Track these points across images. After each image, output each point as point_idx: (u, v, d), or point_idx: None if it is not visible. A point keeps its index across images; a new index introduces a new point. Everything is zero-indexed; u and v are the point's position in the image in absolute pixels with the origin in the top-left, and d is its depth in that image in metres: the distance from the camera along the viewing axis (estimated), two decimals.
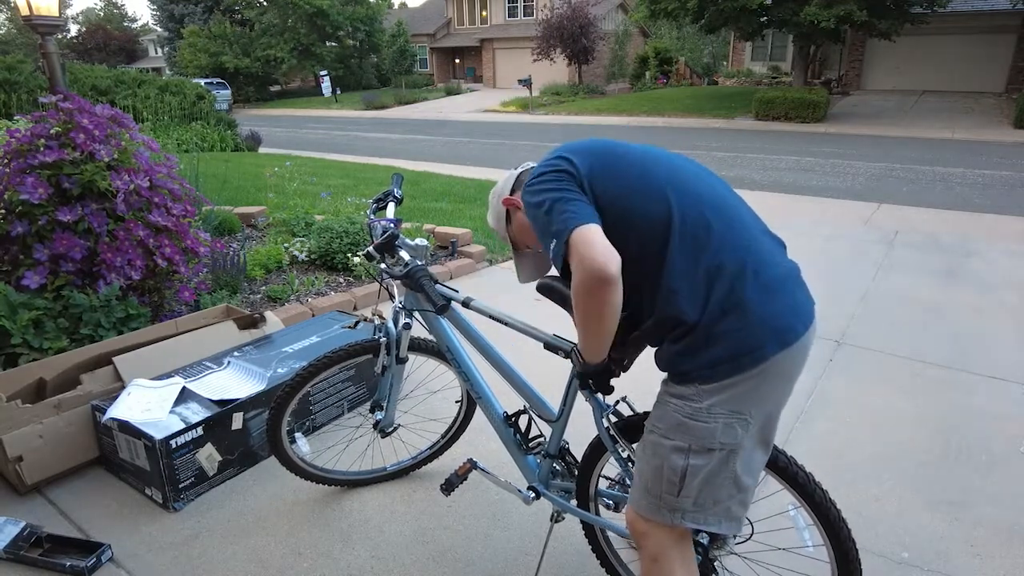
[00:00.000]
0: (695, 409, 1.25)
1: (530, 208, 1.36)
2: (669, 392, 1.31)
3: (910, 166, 10.22)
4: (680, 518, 1.30)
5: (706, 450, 1.26)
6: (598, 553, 1.81)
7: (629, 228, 1.27)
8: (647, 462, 1.34)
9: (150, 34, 48.26)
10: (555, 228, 1.26)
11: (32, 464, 2.22)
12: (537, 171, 1.37)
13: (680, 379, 1.28)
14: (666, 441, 1.29)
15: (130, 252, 2.81)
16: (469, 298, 1.76)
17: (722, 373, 1.23)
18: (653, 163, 1.35)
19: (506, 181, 1.57)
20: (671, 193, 1.28)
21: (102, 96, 11.94)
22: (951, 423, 2.73)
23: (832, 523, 1.40)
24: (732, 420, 1.24)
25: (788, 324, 1.25)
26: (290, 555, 2.01)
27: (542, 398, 1.80)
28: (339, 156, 12.00)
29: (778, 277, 1.27)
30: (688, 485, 1.27)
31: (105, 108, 3.01)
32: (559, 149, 1.41)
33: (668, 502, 1.30)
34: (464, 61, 36.13)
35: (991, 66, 19.55)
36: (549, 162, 1.37)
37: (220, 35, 33.02)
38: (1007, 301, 4.16)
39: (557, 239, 1.26)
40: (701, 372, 1.24)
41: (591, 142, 1.41)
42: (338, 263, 4.38)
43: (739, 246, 1.26)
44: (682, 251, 1.24)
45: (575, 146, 1.40)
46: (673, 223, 1.25)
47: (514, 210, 1.54)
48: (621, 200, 1.29)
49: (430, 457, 2.40)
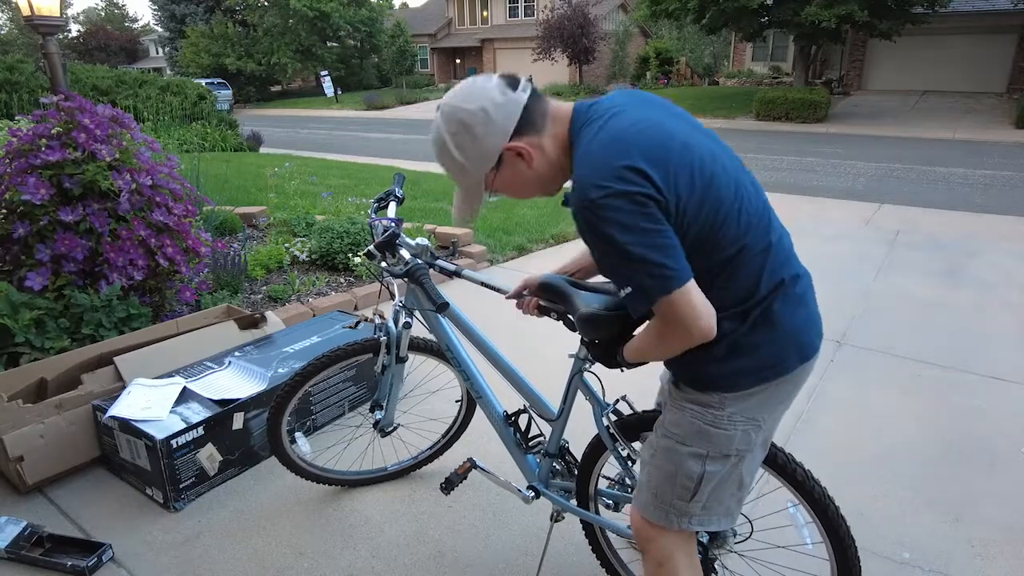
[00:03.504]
0: (716, 417, 1.23)
1: (596, 237, 1.10)
2: (688, 399, 1.26)
3: (911, 166, 10.21)
4: (687, 522, 1.29)
5: (723, 456, 1.25)
6: (598, 552, 1.81)
7: (702, 249, 1.14)
8: (659, 468, 1.31)
9: (151, 34, 48.28)
10: (645, 284, 1.09)
11: (33, 464, 2.22)
12: (607, 187, 1.06)
13: (701, 386, 1.24)
14: (683, 447, 1.26)
15: (132, 252, 2.81)
16: (460, 268, 1.77)
17: (745, 384, 1.21)
18: (732, 181, 1.17)
19: (496, 106, 1.17)
20: (743, 217, 1.16)
21: (103, 96, 11.95)
22: (952, 424, 2.73)
23: (831, 520, 1.40)
24: (748, 427, 1.24)
25: (809, 339, 1.24)
26: (291, 555, 2.01)
27: (542, 397, 1.80)
28: (340, 156, 12.00)
29: (802, 289, 1.25)
30: (702, 491, 1.26)
31: (106, 108, 3.01)
32: (622, 144, 1.09)
33: (679, 507, 1.29)
34: (465, 61, 36.13)
35: (992, 66, 19.53)
36: (624, 178, 1.05)
37: (222, 36, 33.06)
38: (1008, 301, 4.16)
39: (643, 295, 1.10)
40: (724, 381, 1.21)
41: (664, 143, 1.11)
42: (339, 263, 4.39)
43: (782, 262, 1.21)
44: (744, 271, 1.17)
45: (647, 147, 1.09)
46: (746, 246, 1.16)
47: (515, 158, 1.21)
48: (708, 227, 1.12)
49: (430, 457, 2.40)
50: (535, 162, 1.22)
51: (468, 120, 1.18)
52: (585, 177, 1.10)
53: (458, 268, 1.76)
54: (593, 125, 1.16)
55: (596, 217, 1.07)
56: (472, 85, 1.20)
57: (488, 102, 1.17)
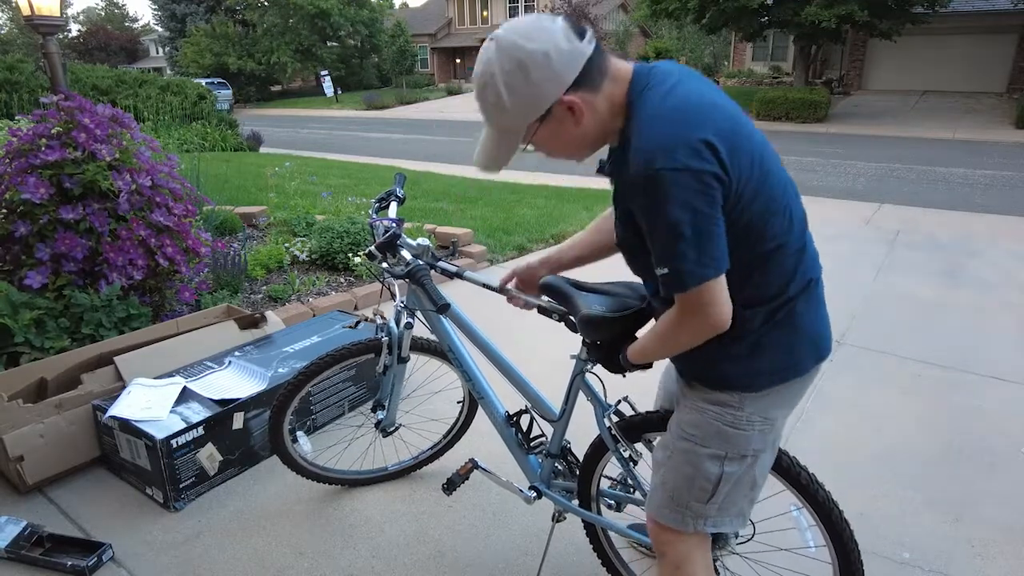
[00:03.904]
0: (736, 417, 1.22)
1: (651, 209, 1.04)
2: (705, 399, 1.24)
3: (911, 166, 10.21)
4: (703, 524, 1.29)
5: (740, 457, 1.24)
6: (600, 552, 1.81)
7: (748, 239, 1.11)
8: (676, 470, 1.28)
9: (151, 34, 48.30)
10: (685, 269, 1.05)
11: (33, 463, 2.22)
12: (677, 161, 1.00)
13: (719, 385, 1.22)
14: (702, 449, 1.24)
15: (132, 252, 2.81)
16: (462, 269, 1.77)
17: (764, 383, 1.20)
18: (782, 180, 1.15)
19: (560, 53, 1.05)
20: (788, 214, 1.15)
21: (103, 96, 11.95)
22: (952, 423, 2.73)
23: (835, 524, 1.40)
24: (764, 427, 1.24)
25: (824, 340, 1.25)
26: (291, 554, 2.01)
27: (543, 398, 1.80)
28: (340, 156, 12.00)
29: (820, 290, 1.25)
30: (719, 492, 1.25)
31: (106, 108, 3.01)
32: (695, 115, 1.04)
33: (695, 509, 1.28)
34: (465, 61, 36.13)
35: (992, 66, 19.54)
36: (696, 153, 1.01)
37: (223, 35, 33.07)
38: (1008, 301, 4.16)
39: (678, 280, 1.07)
40: (743, 380, 1.20)
41: (734, 122, 1.07)
42: (339, 263, 4.38)
43: (811, 264, 1.21)
44: (779, 270, 1.15)
45: (719, 122, 1.04)
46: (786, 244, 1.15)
47: (565, 112, 1.10)
48: (759, 217, 1.10)
49: (431, 458, 2.40)
50: (585, 120, 1.11)
51: (527, 61, 1.05)
52: (653, 144, 1.03)
53: (459, 269, 1.75)
54: (657, 89, 1.08)
55: (658, 189, 1.01)
56: (537, 23, 1.08)
57: (552, 46, 1.05)
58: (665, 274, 1.08)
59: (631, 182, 1.06)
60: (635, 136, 1.06)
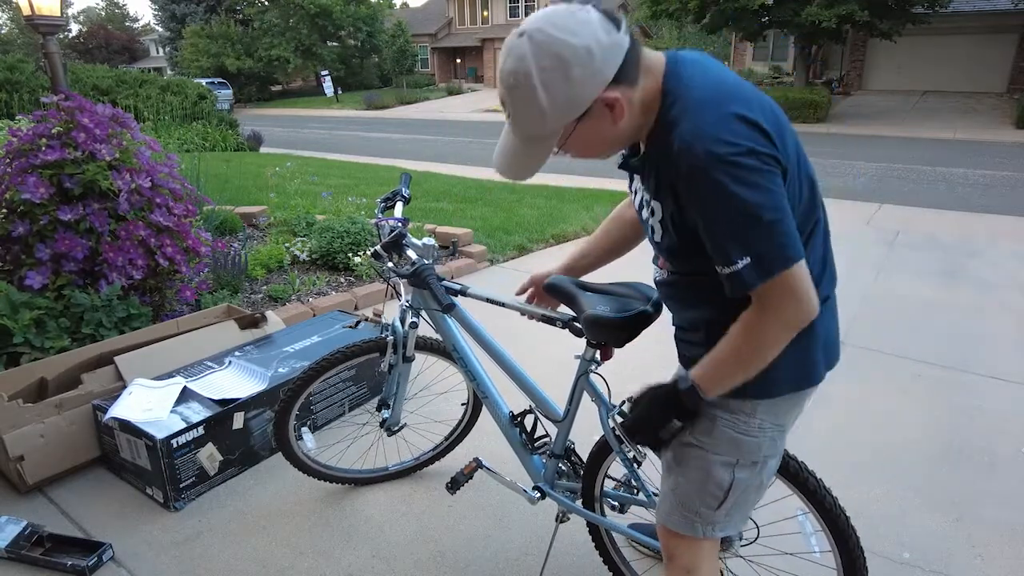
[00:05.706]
0: (748, 425, 1.20)
1: (716, 198, 0.96)
2: (718, 406, 1.19)
3: (911, 166, 10.21)
4: (712, 529, 1.28)
5: (751, 463, 1.23)
6: (602, 553, 1.81)
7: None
8: (687, 477, 1.26)
9: (151, 34, 48.32)
10: (769, 254, 0.97)
11: (33, 463, 2.21)
12: (736, 142, 0.94)
13: (734, 393, 1.16)
14: (714, 456, 1.22)
15: (132, 252, 2.81)
16: (465, 287, 1.77)
17: (779, 391, 1.19)
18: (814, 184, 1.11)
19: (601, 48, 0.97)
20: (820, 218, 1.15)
21: (103, 96, 11.96)
22: (952, 424, 2.72)
23: (841, 530, 1.39)
24: (775, 433, 1.23)
25: (836, 348, 1.25)
26: (291, 554, 2.01)
27: (548, 398, 1.80)
28: (340, 156, 12.00)
29: (834, 298, 1.23)
30: (730, 498, 1.24)
31: (106, 108, 3.00)
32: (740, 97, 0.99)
33: (705, 516, 1.27)
34: (465, 61, 36.15)
35: (993, 66, 19.55)
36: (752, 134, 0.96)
37: (222, 35, 33.06)
38: (1009, 302, 4.15)
39: (761, 268, 0.98)
40: (759, 388, 1.15)
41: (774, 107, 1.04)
42: (339, 263, 4.38)
43: (833, 273, 1.20)
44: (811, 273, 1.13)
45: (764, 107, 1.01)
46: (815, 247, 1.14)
47: (604, 110, 1.02)
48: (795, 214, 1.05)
49: (433, 458, 2.40)
50: (623, 118, 1.03)
51: (569, 57, 0.96)
52: (704, 129, 0.95)
53: (463, 287, 1.76)
54: (698, 76, 1.03)
55: (723, 174, 0.94)
56: (573, 15, 0.97)
57: (594, 40, 0.95)
58: (742, 267, 0.98)
59: (685, 173, 0.98)
60: (682, 124, 0.99)
